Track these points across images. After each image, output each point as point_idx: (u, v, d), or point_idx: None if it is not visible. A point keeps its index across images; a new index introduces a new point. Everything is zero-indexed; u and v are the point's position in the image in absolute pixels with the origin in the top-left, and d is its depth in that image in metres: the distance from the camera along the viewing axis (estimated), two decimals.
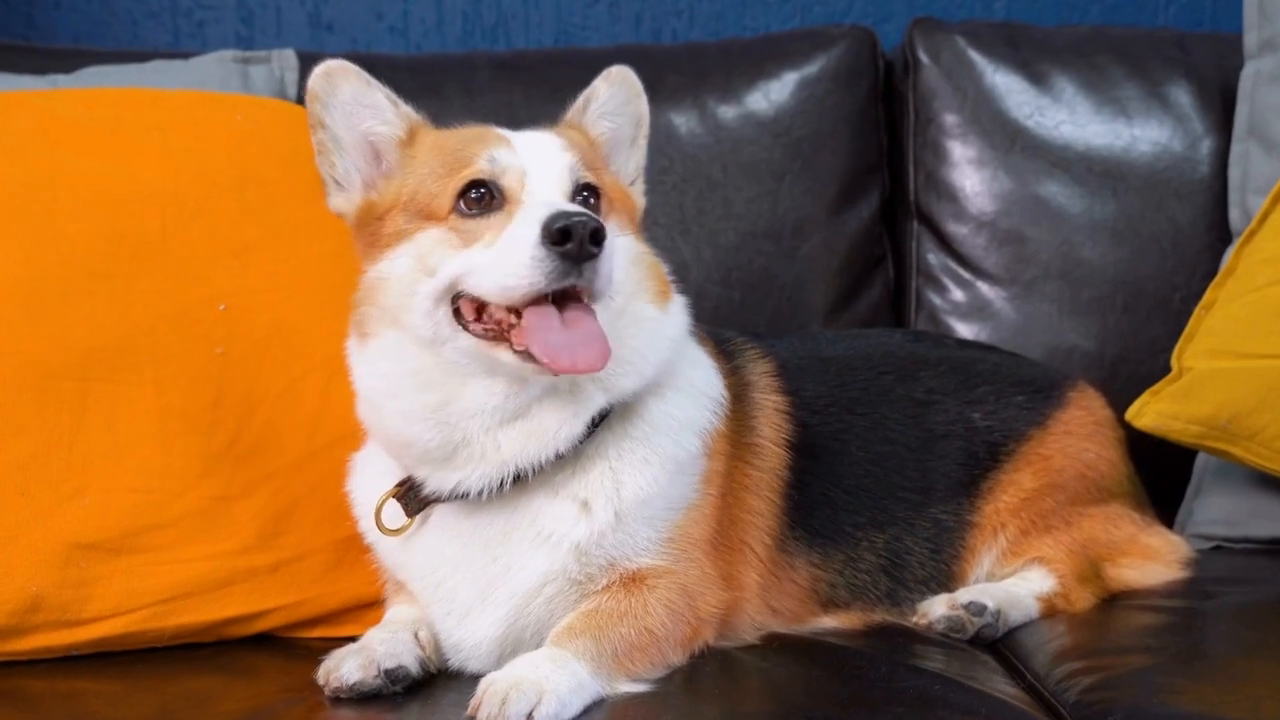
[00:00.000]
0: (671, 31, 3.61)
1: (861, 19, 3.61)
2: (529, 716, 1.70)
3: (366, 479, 2.10)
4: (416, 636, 1.96)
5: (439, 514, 2.00)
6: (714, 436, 2.04)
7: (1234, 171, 2.97)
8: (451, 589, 1.97)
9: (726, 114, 3.08)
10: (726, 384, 2.11)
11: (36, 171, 2.24)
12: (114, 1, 3.48)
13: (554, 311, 1.81)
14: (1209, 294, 2.71)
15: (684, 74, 3.11)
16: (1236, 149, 2.98)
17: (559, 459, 1.92)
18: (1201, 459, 2.81)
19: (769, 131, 3.07)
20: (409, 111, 2.06)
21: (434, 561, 1.99)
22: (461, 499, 1.95)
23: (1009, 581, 2.28)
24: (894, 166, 3.23)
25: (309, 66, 2.09)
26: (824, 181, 3.08)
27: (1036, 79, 3.11)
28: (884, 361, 2.37)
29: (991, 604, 2.17)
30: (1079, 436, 2.38)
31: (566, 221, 1.76)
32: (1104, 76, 3.10)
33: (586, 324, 1.81)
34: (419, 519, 2.01)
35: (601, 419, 1.95)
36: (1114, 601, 2.32)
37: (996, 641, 2.19)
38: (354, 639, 1.97)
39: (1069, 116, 3.08)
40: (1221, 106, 3.05)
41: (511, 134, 2.01)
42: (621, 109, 2.16)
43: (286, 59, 2.94)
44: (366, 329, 1.98)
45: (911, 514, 2.27)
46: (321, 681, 1.89)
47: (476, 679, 1.79)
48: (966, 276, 3.10)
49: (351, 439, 2.15)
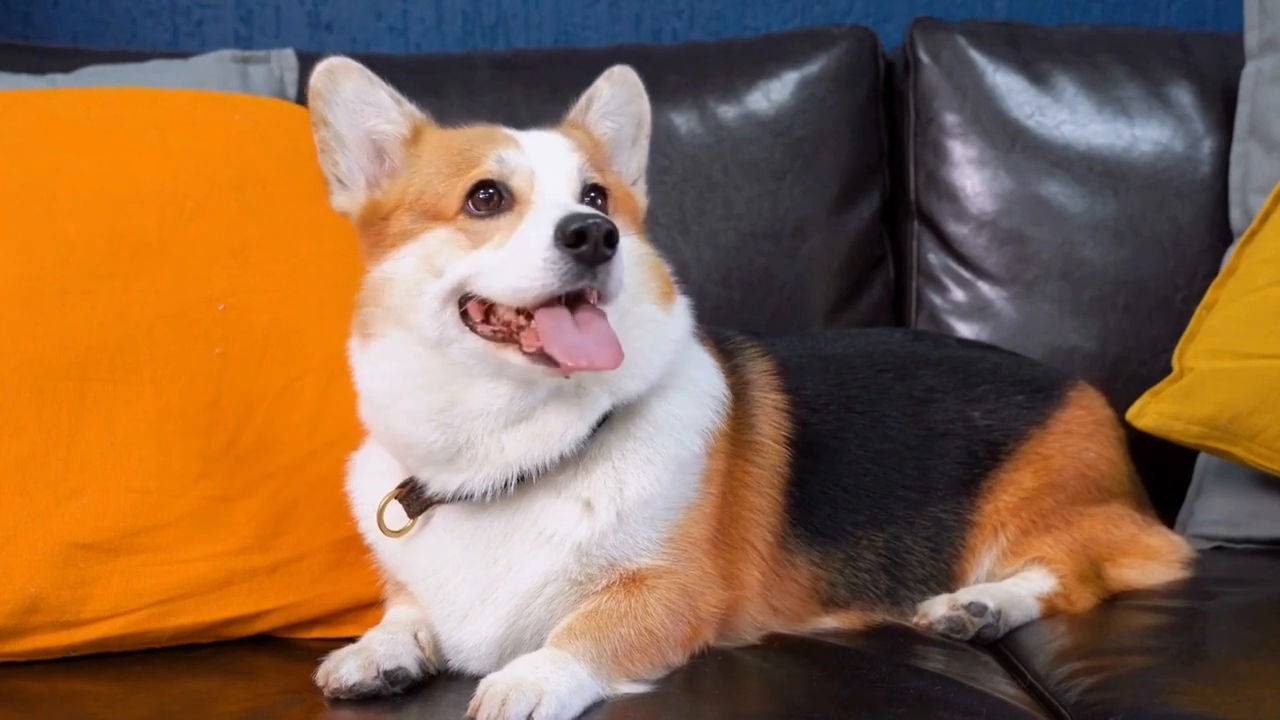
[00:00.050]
0: (672, 31, 3.61)
1: (862, 18, 3.60)
2: (529, 717, 1.70)
3: (367, 479, 2.09)
4: (416, 637, 1.96)
5: (440, 515, 1.99)
6: (715, 435, 2.04)
7: (1235, 171, 2.97)
8: (453, 590, 1.96)
9: (727, 114, 3.08)
10: (727, 383, 2.10)
11: (35, 171, 2.24)
12: (113, 1, 3.47)
13: (567, 313, 1.80)
14: (1210, 294, 2.71)
15: (684, 74, 3.10)
16: (1238, 149, 2.97)
17: (562, 461, 1.92)
18: (1202, 459, 2.80)
19: (769, 131, 3.07)
20: (413, 110, 2.05)
21: (435, 563, 1.98)
22: (464, 500, 1.94)
23: (1009, 581, 2.27)
24: (894, 166, 3.22)
25: (308, 66, 2.08)
26: (824, 181, 3.08)
27: (1037, 78, 3.10)
28: (884, 360, 2.36)
29: (992, 604, 2.17)
30: (1079, 436, 2.38)
31: (581, 224, 1.75)
32: (1105, 76, 3.10)
33: (599, 325, 1.81)
34: (420, 520, 2.00)
35: (604, 419, 1.94)
36: (1115, 602, 2.32)
37: (997, 642, 2.18)
38: (353, 640, 1.96)
39: (1070, 116, 3.08)
40: (1223, 106, 3.05)
41: (519, 134, 2.00)
42: (623, 109, 2.15)
43: (286, 59, 2.94)
44: (370, 329, 1.97)
45: (911, 513, 2.26)
46: (321, 682, 1.89)
47: (476, 680, 1.78)
48: (967, 276, 3.10)
49: (351, 439, 2.14)
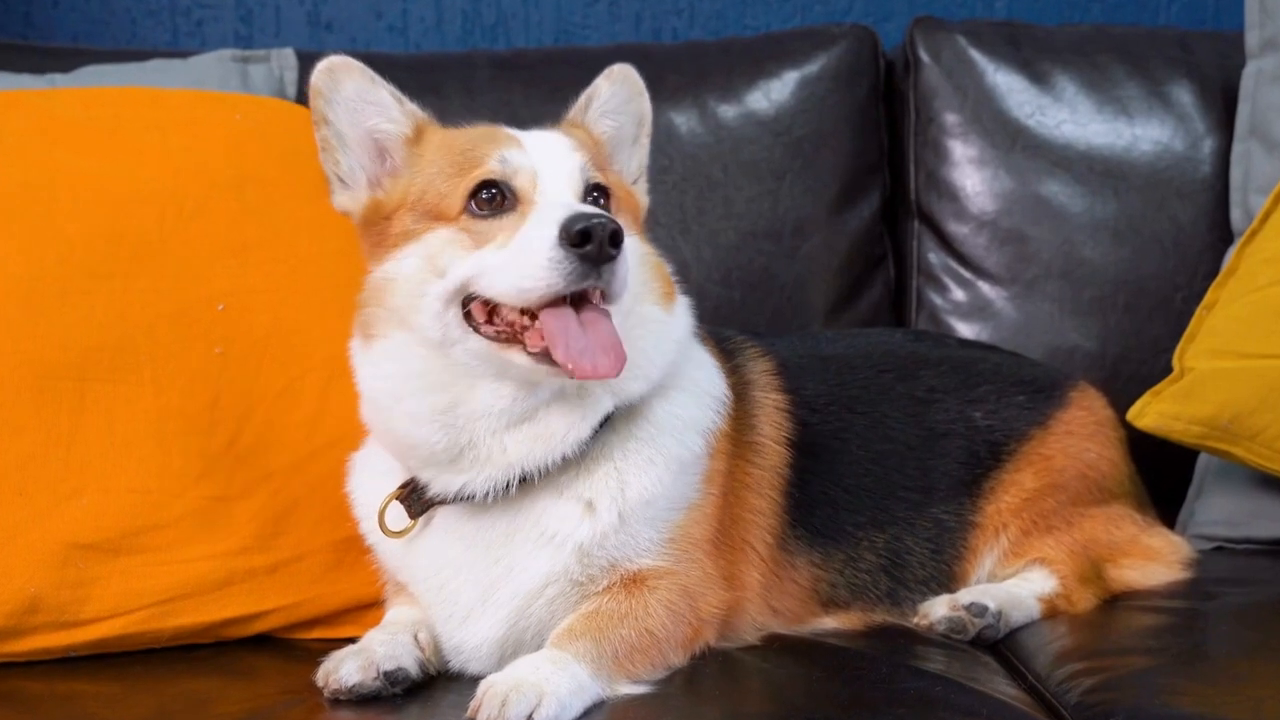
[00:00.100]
0: (672, 30, 3.61)
1: (862, 18, 3.60)
2: (529, 718, 1.69)
3: (367, 480, 2.09)
4: (416, 638, 1.95)
5: (442, 516, 1.99)
6: (717, 435, 2.04)
7: (1235, 171, 2.96)
8: (454, 591, 1.96)
9: (727, 113, 3.07)
10: (728, 383, 2.10)
11: (35, 171, 2.23)
12: (112, 1, 3.47)
13: (572, 313, 1.80)
14: (1210, 294, 2.71)
15: (684, 73, 3.10)
16: (1238, 148, 2.97)
17: (565, 461, 1.91)
18: (1203, 459, 2.80)
19: (769, 131, 3.07)
20: (414, 109, 2.05)
21: (436, 563, 1.98)
22: (466, 501, 1.94)
23: (1010, 582, 2.27)
24: (895, 166, 3.22)
25: (308, 66, 2.08)
26: (825, 181, 3.08)
27: (1038, 78, 3.10)
28: (884, 360, 2.36)
29: (993, 605, 2.17)
30: (1080, 436, 2.37)
31: (587, 223, 1.75)
32: (1105, 76, 3.10)
33: (604, 326, 1.80)
34: (421, 521, 2.00)
35: (606, 420, 1.94)
36: (1115, 602, 2.32)
37: (998, 642, 2.18)
38: (353, 640, 1.96)
39: (1070, 116, 3.07)
40: (1223, 106, 3.04)
41: (521, 134, 2.00)
42: (623, 107, 2.15)
43: (285, 58, 2.94)
44: (372, 330, 1.96)
45: (912, 513, 2.26)
46: (320, 683, 1.88)
47: (476, 681, 1.78)
48: (967, 276, 3.10)
49: (351, 439, 2.14)
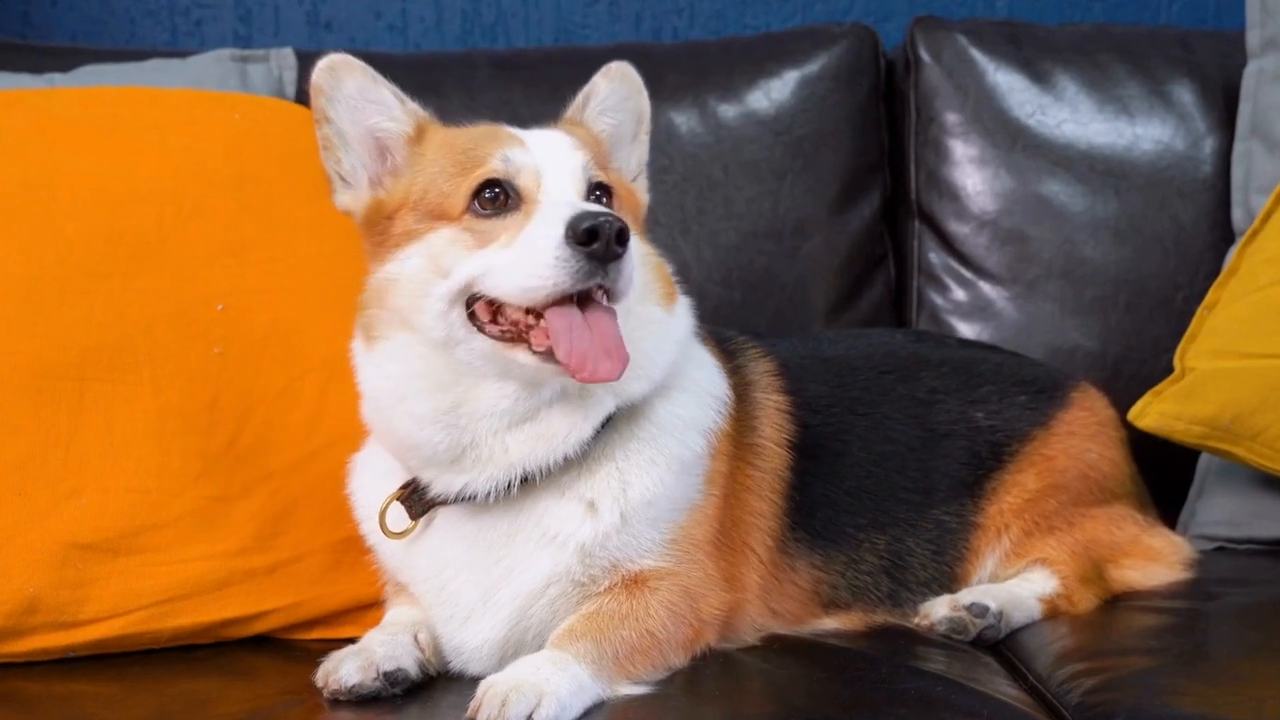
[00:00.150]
0: (672, 30, 3.61)
1: (863, 17, 3.60)
2: (528, 718, 1.69)
3: (368, 480, 2.09)
4: (416, 639, 1.95)
5: (443, 516, 1.98)
6: (718, 436, 2.03)
7: (1237, 170, 2.96)
8: (455, 591, 1.96)
9: (727, 113, 3.07)
10: (729, 383, 2.10)
11: (34, 171, 2.23)
12: (111, 0, 3.47)
13: (577, 312, 1.79)
14: (1212, 294, 2.70)
15: (684, 73, 3.10)
16: (1239, 148, 2.97)
17: (566, 461, 1.91)
18: (1204, 459, 2.80)
19: (770, 130, 3.06)
20: (416, 108, 2.04)
21: (437, 564, 1.98)
22: (467, 501, 1.93)
23: (1011, 583, 2.27)
24: (895, 165, 3.22)
25: (307, 65, 2.08)
26: (825, 181, 3.07)
27: (1038, 77, 3.10)
28: (885, 361, 2.36)
29: (994, 605, 2.17)
30: (1082, 437, 2.37)
31: (593, 221, 1.74)
32: (1106, 75, 3.09)
33: (608, 326, 1.80)
34: (422, 521, 1.99)
35: (608, 420, 1.94)
36: (1117, 603, 2.31)
37: (999, 643, 2.18)
38: (353, 641, 1.96)
39: (1071, 115, 3.07)
40: (1224, 105, 3.04)
41: (523, 133, 2.00)
42: (622, 105, 2.14)
43: (285, 58, 2.93)
44: (375, 331, 1.96)
45: (914, 515, 2.25)
46: (320, 683, 1.88)
47: (476, 681, 1.78)
48: (968, 276, 3.10)
49: (350, 439, 2.14)
